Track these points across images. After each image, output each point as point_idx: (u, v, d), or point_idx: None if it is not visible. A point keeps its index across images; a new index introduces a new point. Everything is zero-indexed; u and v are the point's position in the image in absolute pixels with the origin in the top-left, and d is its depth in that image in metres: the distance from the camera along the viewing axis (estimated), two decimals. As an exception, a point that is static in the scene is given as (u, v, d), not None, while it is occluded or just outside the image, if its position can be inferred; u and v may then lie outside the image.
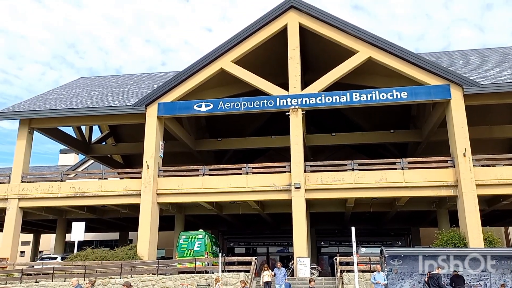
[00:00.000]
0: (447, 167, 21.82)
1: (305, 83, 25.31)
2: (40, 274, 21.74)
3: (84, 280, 20.21)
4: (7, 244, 24.11)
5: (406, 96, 22.58)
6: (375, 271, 17.10)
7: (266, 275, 18.65)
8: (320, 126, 32.84)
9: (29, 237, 38.95)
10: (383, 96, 22.77)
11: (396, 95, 22.64)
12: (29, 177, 25.62)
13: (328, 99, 23.08)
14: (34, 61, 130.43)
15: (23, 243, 37.30)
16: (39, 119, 25.79)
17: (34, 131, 26.54)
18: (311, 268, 21.30)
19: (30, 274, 21.96)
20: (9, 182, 25.13)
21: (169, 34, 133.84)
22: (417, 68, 22.64)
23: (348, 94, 23.03)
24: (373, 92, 22.89)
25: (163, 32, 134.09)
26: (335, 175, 22.41)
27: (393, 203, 25.16)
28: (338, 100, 23.02)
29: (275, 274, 18.49)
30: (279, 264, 19.08)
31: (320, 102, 23.15)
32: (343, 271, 19.18)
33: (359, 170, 22.50)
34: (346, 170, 22.59)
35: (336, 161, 23.72)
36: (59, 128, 28.47)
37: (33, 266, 24.08)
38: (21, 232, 25.59)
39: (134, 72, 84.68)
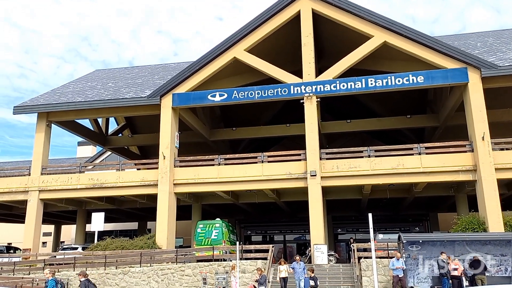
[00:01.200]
0: (465, 152, 21.52)
1: (319, 70, 25.13)
2: (62, 264, 22.24)
3: (98, 270, 20.63)
4: (29, 235, 24.68)
5: (422, 81, 22.25)
6: (393, 257, 17.07)
7: (284, 271, 17.43)
8: (335, 113, 32.62)
9: (51, 228, 39.81)
10: (399, 81, 22.47)
11: (412, 79, 22.32)
12: (48, 169, 26.09)
13: (343, 86, 22.87)
14: (48, 55, 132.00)
15: (45, 234, 38.12)
16: (57, 112, 26.17)
17: (52, 124, 26.96)
18: (329, 255, 21.35)
19: (52, 264, 22.47)
20: (29, 175, 25.65)
21: (180, 25, 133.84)
22: (434, 52, 22.25)
23: (363, 80, 22.78)
24: (389, 77, 22.60)
25: (174, 23, 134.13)
26: (351, 162, 22.30)
27: (410, 189, 24.96)
28: (353, 86, 22.80)
29: (293, 268, 17.35)
30: (297, 258, 17.90)
31: (335, 88, 22.95)
32: (361, 257, 19.15)
33: (376, 156, 22.35)
34: (362, 157, 22.45)
35: (352, 148, 23.58)
36: (76, 120, 28.85)
37: (55, 256, 24.63)
38: (42, 223, 26.14)
39: (146, 63, 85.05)
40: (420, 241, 17.16)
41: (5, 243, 37.42)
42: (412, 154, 22.03)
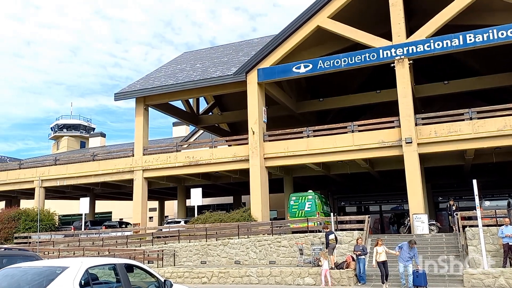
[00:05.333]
0: None
1: (410, 30, 23.51)
2: (168, 237, 23.95)
3: (200, 241, 21.81)
4: (138, 211, 26.90)
5: (531, 31, 19.81)
6: (503, 224, 15.81)
7: (383, 254, 14.92)
8: (430, 75, 30.46)
9: (155, 204, 42.97)
10: (502, 34, 20.24)
11: (519, 30, 19.96)
12: (149, 150, 27.98)
13: (438, 45, 21.20)
14: (137, 43, 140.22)
15: (151, 210, 41.26)
16: (152, 96, 27.74)
17: (149, 108, 28.70)
18: (429, 224, 20.38)
19: (159, 237, 24.30)
20: (133, 156, 27.75)
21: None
22: (545, -4, 19.65)
23: (460, 37, 20.90)
24: (490, 31, 20.45)
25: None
26: (451, 126, 20.83)
27: (520, 152, 22.73)
28: (449, 45, 21.04)
29: (401, 248, 14.63)
30: (413, 243, 14.62)
31: (429, 48, 21.37)
32: (465, 226, 18.00)
33: (478, 118, 20.63)
34: (463, 120, 20.88)
35: (451, 111, 21.94)
36: (169, 102, 30.39)
37: (161, 230, 26.56)
38: (148, 200, 28.30)
39: (226, 41, 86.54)
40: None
41: (118, 218, 41.23)
42: (522, 113, 19.95)
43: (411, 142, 20.95)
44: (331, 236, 17.03)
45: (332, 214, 20.41)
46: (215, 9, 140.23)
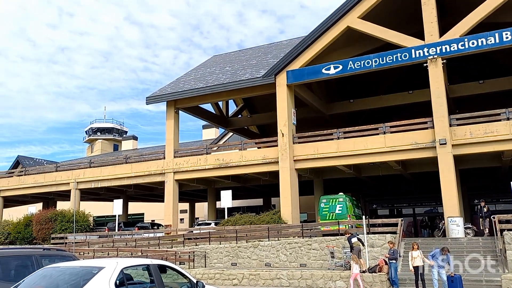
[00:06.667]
0: None
1: (443, 29, 22.94)
2: (198, 238, 24.17)
3: (231, 243, 21.88)
4: (169, 213, 27.28)
5: None
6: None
7: (418, 258, 14.81)
8: (464, 75, 29.61)
9: (186, 206, 43.44)
10: (541, 30, 19.47)
11: (560, 26, 19.16)
12: (179, 152, 28.35)
13: (473, 43, 20.59)
14: (166, 47, 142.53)
15: (182, 211, 41.61)
16: (182, 99, 28.12)
17: (179, 111, 29.08)
18: (465, 228, 19.78)
19: (190, 238, 24.56)
20: (164, 158, 28.17)
21: (284, 1, 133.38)
22: None
23: (496, 35, 20.24)
24: (528, 28, 19.71)
25: (278, 0, 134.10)
26: (487, 126, 20.18)
27: (562, 153, 21.75)
28: (484, 43, 20.40)
29: (433, 256, 14.45)
30: (446, 251, 14.31)
31: (463, 47, 20.78)
32: (504, 229, 17.37)
33: (516, 118, 19.86)
34: (499, 120, 20.21)
35: (487, 111, 21.25)
36: (199, 105, 30.71)
37: (192, 231, 26.82)
38: (179, 202, 28.65)
39: (254, 44, 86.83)
40: None
41: (149, 220, 41.94)
42: None
43: (445, 143, 20.41)
44: (354, 240, 16.75)
45: (363, 217, 20.10)
46: (243, 12, 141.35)
